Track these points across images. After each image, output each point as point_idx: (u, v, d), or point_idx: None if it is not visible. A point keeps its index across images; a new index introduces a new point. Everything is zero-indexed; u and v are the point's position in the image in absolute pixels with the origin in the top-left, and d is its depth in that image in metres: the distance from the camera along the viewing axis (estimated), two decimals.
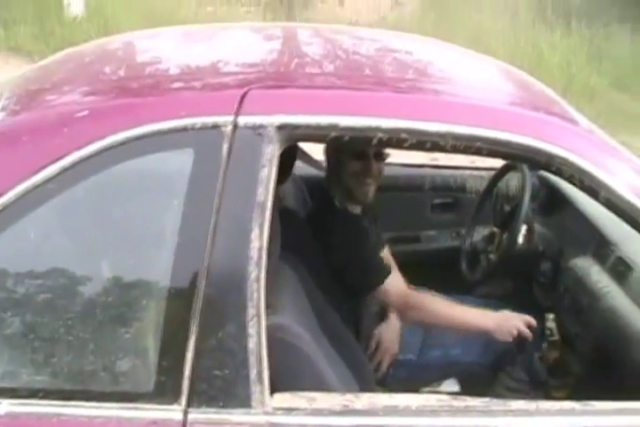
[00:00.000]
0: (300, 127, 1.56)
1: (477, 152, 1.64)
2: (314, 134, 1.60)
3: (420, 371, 2.57)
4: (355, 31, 2.90)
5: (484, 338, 2.53)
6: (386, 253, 2.64)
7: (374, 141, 1.59)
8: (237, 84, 1.64)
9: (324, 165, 2.57)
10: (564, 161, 1.61)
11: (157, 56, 2.07)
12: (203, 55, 2.01)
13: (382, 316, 2.64)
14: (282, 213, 2.05)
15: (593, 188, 1.63)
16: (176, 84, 1.74)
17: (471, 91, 1.88)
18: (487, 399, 1.56)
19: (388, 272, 2.36)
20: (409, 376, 2.46)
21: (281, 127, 1.54)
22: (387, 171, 3.10)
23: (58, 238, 1.58)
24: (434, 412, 1.52)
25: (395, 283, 2.35)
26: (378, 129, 1.57)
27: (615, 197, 1.62)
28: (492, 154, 1.69)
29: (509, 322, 2.28)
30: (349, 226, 2.41)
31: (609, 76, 9.06)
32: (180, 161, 1.53)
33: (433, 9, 12.39)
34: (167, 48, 2.14)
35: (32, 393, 1.44)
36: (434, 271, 2.80)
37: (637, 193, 1.63)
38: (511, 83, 2.13)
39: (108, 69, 1.93)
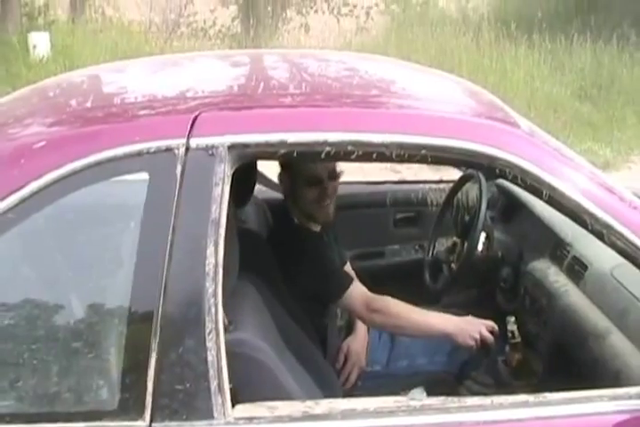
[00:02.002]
0: (250, 146, 1.63)
1: (423, 160, 1.70)
2: (264, 152, 1.67)
3: (388, 381, 2.61)
4: (307, 53, 2.99)
5: (449, 347, 2.59)
6: (348, 268, 2.70)
7: (323, 155, 1.65)
8: (189, 109, 1.70)
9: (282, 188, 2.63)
10: (507, 163, 1.68)
11: (117, 87, 2.14)
12: (159, 83, 2.09)
13: (348, 330, 2.69)
14: (243, 235, 2.11)
15: (536, 187, 1.70)
16: (131, 112, 1.80)
17: (415, 101, 1.95)
18: (443, 398, 1.61)
19: (349, 281, 2.41)
20: (377, 387, 2.49)
21: (232, 147, 1.60)
22: (349, 189, 3.19)
23: (20, 266, 1.64)
24: (392, 412, 1.57)
25: (357, 290, 2.40)
26: (325, 143, 1.63)
27: (558, 195, 1.69)
28: (436, 161, 1.75)
29: (472, 326, 2.33)
30: (310, 241, 2.47)
31: (571, 87, 9.21)
32: (136, 185, 1.59)
33: (397, 31, 12.57)
34: (127, 78, 2.21)
35: None
36: (399, 285, 2.84)
37: (579, 190, 1.70)
38: (456, 92, 2.20)
39: (68, 101, 2.00)
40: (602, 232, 1.69)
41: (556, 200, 1.70)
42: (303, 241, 2.46)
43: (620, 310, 2.16)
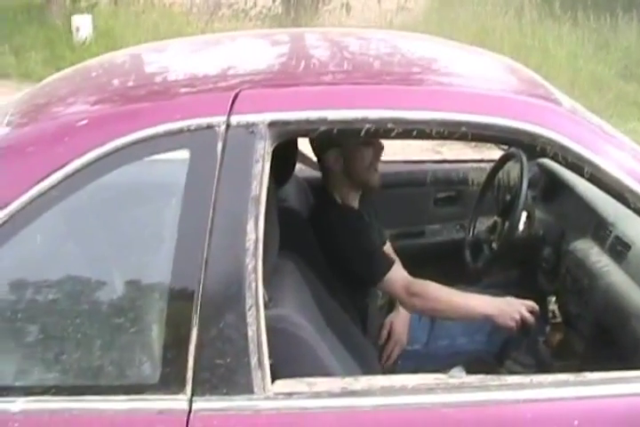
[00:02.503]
0: (290, 123, 1.64)
1: (462, 137, 1.70)
2: (304, 129, 1.68)
3: (428, 361, 2.61)
4: (348, 31, 2.98)
5: (490, 326, 2.59)
6: (388, 248, 2.70)
7: (362, 133, 1.65)
8: (229, 86, 1.71)
9: (318, 165, 2.63)
10: (547, 140, 1.67)
11: (158, 66, 2.17)
12: (199, 61, 2.11)
13: (388, 309, 2.69)
14: (284, 214, 2.12)
15: (577, 164, 1.68)
16: (172, 90, 1.82)
17: (456, 79, 1.94)
18: (482, 376, 1.61)
19: (390, 264, 2.41)
20: (417, 367, 2.49)
21: (272, 124, 1.61)
22: (389, 168, 3.19)
23: (64, 242, 1.67)
24: (430, 389, 1.57)
25: (397, 273, 2.40)
26: (365, 120, 1.64)
27: (599, 173, 1.68)
28: (476, 138, 1.75)
29: (512, 307, 2.32)
30: (350, 221, 2.47)
31: (616, 66, 9.07)
32: (177, 162, 1.61)
33: (438, 11, 12.47)
34: (168, 57, 2.23)
35: (44, 390, 1.51)
36: (439, 264, 2.85)
37: (621, 167, 1.68)
38: (496, 69, 2.19)
39: (110, 80, 2.02)
40: None
41: (598, 178, 1.69)
42: (345, 219, 2.47)
43: None
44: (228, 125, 1.60)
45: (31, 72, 8.97)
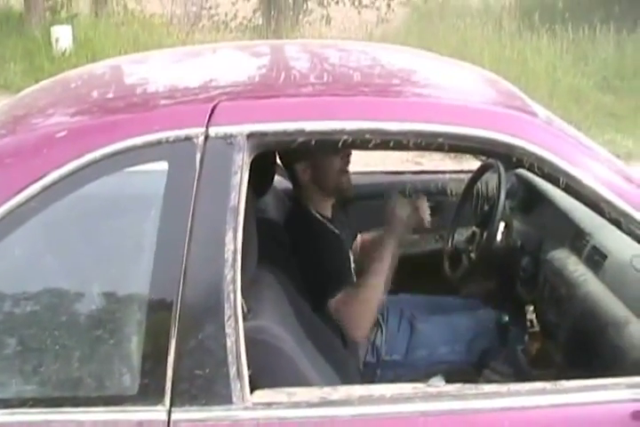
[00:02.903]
0: (268, 134, 1.65)
1: (440, 148, 1.72)
2: (282, 140, 1.69)
3: (407, 371, 2.61)
4: (327, 43, 3.00)
5: (469, 336, 2.60)
6: (354, 249, 2.70)
7: (340, 144, 1.67)
8: (208, 98, 1.72)
9: (288, 177, 2.64)
10: (524, 151, 1.69)
11: (137, 77, 2.17)
12: (178, 73, 2.11)
13: None
14: (263, 225, 2.12)
15: (553, 175, 1.71)
16: (150, 101, 1.83)
17: (433, 90, 1.97)
18: (460, 385, 1.62)
19: (344, 285, 2.38)
20: (396, 377, 2.50)
21: (250, 135, 1.62)
22: (368, 179, 3.21)
23: (42, 254, 1.67)
24: (408, 399, 1.59)
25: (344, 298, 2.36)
26: (342, 132, 1.65)
27: (575, 183, 1.70)
28: (453, 149, 1.77)
29: (396, 221, 2.42)
30: (321, 233, 2.47)
31: (594, 78, 9.16)
32: (156, 173, 1.61)
33: (418, 23, 12.55)
34: (147, 69, 2.23)
35: (22, 402, 1.52)
36: (418, 275, 2.86)
37: (596, 178, 1.70)
38: (474, 81, 2.21)
39: (89, 92, 2.02)
40: (619, 220, 1.70)
41: (573, 188, 1.71)
42: (315, 231, 2.47)
43: None
44: (206, 137, 1.61)
45: (10, 83, 8.93)
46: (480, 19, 11.33)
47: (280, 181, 2.88)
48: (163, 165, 1.61)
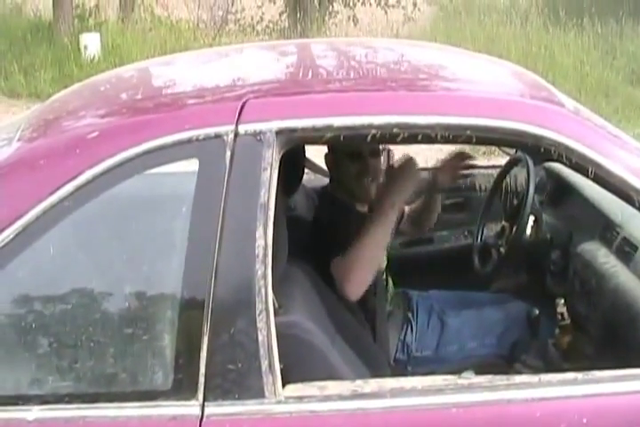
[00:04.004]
0: (297, 130, 1.66)
1: (467, 141, 1.72)
2: (311, 136, 1.70)
3: (438, 366, 2.60)
4: (354, 41, 3.01)
5: (499, 330, 2.60)
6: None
7: (369, 138, 1.68)
8: (237, 96, 1.73)
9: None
10: (551, 141, 1.69)
11: (166, 78, 2.20)
12: (207, 73, 2.14)
13: (395, 316, 2.70)
14: (293, 222, 2.14)
15: (581, 165, 1.70)
16: (181, 101, 1.85)
17: (459, 84, 1.97)
18: (490, 376, 1.62)
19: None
20: (427, 373, 2.50)
21: (279, 132, 1.64)
22: None
23: (77, 252, 1.69)
24: (440, 391, 1.59)
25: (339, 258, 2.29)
26: (371, 126, 1.66)
27: (603, 172, 1.69)
28: (481, 141, 1.77)
29: (396, 182, 2.28)
30: (351, 220, 2.47)
31: (623, 71, 9.09)
32: (187, 171, 1.64)
33: (444, 21, 12.54)
34: (176, 70, 2.26)
35: (59, 399, 1.54)
36: (449, 270, 2.86)
37: (625, 167, 1.70)
38: (500, 74, 2.22)
39: (119, 94, 2.05)
40: None
41: (602, 177, 1.70)
42: (348, 221, 2.47)
43: None
44: (236, 134, 1.62)
45: (40, 91, 9.03)
46: (506, 15, 11.30)
47: (309, 180, 2.90)
48: (194, 163, 1.63)
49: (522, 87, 2.07)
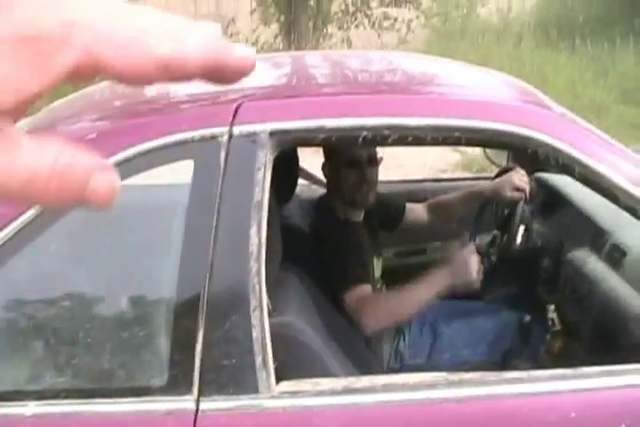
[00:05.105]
0: (290, 132, 1.71)
1: (457, 142, 1.77)
2: (304, 137, 1.75)
3: None
4: (348, 52, 3.06)
5: (491, 337, 2.63)
6: (377, 263, 2.73)
7: (360, 140, 1.72)
8: (231, 99, 1.78)
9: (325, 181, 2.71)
10: (538, 142, 1.73)
11: (160, 86, 2.23)
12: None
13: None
14: (287, 229, 2.18)
15: (568, 165, 1.74)
16: (177, 104, 1.89)
17: (448, 88, 2.03)
18: (481, 372, 1.65)
19: (361, 280, 2.43)
20: None
21: (273, 133, 1.68)
22: (390, 187, 3.24)
23: (75, 248, 1.73)
24: (431, 386, 1.62)
25: (362, 289, 2.41)
26: (362, 128, 1.70)
27: (590, 172, 1.73)
28: (470, 142, 1.82)
29: (462, 267, 2.38)
30: (350, 234, 2.52)
31: (615, 92, 9.17)
32: (183, 171, 1.68)
33: (438, 42, 12.64)
34: None
35: (55, 394, 1.56)
36: None
37: (611, 167, 1.74)
38: (488, 79, 2.28)
39: (115, 99, 2.08)
40: (635, 208, 1.72)
41: (589, 178, 1.74)
42: (344, 234, 2.52)
43: None
44: (230, 135, 1.66)
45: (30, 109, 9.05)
46: (499, 36, 11.41)
47: (304, 191, 2.94)
48: (190, 163, 1.67)
49: (510, 91, 2.13)
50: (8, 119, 0.38)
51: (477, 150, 5.07)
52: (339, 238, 2.49)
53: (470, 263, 2.37)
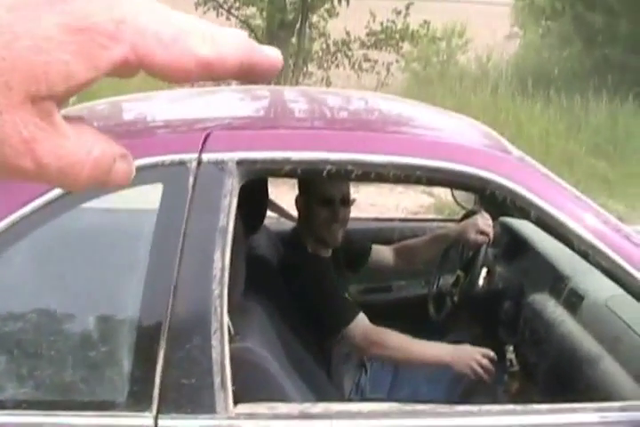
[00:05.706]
0: (256, 162, 1.76)
1: (418, 181, 1.83)
2: (270, 168, 1.81)
3: None
4: (323, 90, 3.13)
5: (450, 375, 2.67)
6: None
7: (325, 173, 1.78)
8: (202, 127, 1.84)
9: (296, 216, 2.76)
10: (497, 185, 1.80)
11: (137, 111, 2.29)
12: (177, 108, 2.24)
13: (352, 357, 2.77)
14: (254, 260, 2.22)
15: (524, 208, 1.81)
16: (149, 130, 1.95)
17: (412, 128, 2.10)
18: (434, 405, 1.70)
19: (355, 313, 2.50)
20: None
21: (240, 162, 1.74)
22: (358, 225, 3.30)
23: (42, 269, 1.76)
24: (385, 415, 1.66)
25: (361, 323, 2.48)
26: (327, 162, 1.77)
27: (545, 216, 1.80)
28: (431, 182, 1.88)
29: (468, 355, 2.41)
30: (319, 268, 2.57)
31: (587, 144, 9.34)
32: (151, 194, 1.73)
33: (417, 87, 12.83)
34: (147, 105, 2.36)
35: (16, 404, 1.59)
36: (406, 319, 2.93)
37: (565, 211, 1.81)
38: (452, 122, 2.35)
39: (92, 121, 2.14)
40: (587, 252, 1.79)
41: (544, 221, 1.81)
42: (314, 268, 2.57)
43: (613, 338, 2.25)
44: (199, 162, 1.72)
45: None
46: (477, 83, 11.60)
47: (272, 223, 2.99)
48: (158, 187, 1.72)
49: (473, 135, 2.20)
50: (56, 106, 0.41)
51: (449, 195, 5.17)
52: (312, 273, 2.53)
53: (477, 360, 2.42)
